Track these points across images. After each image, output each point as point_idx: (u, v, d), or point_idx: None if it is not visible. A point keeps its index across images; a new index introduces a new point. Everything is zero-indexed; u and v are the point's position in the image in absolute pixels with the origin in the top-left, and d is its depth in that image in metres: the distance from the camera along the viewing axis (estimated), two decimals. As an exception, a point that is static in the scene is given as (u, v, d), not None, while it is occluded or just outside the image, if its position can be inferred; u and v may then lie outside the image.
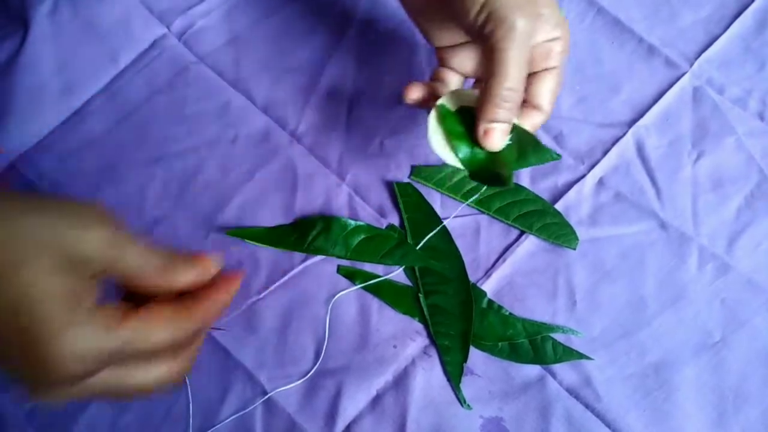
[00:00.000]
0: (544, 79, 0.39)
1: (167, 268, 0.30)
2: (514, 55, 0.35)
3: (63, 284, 0.26)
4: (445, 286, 0.46)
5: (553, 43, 0.38)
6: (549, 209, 0.48)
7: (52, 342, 0.26)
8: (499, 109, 0.36)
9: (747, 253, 0.47)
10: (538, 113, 0.40)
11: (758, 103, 0.51)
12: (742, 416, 0.43)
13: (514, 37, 0.35)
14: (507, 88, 0.35)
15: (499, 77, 0.35)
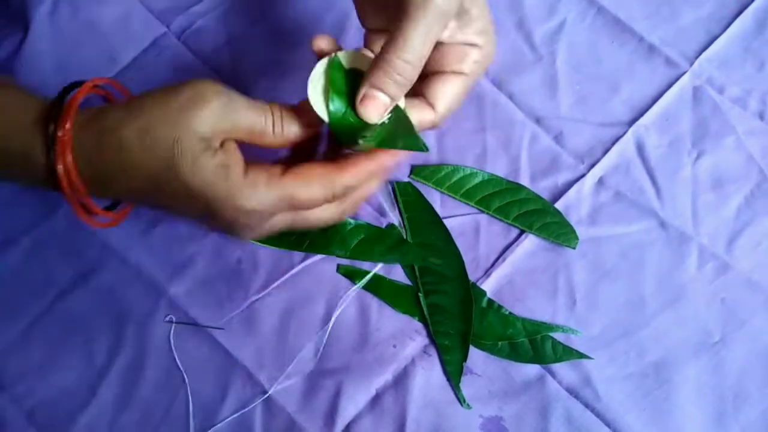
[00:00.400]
0: (447, 81, 0.38)
1: (277, 124, 0.35)
2: (420, 26, 0.33)
3: (212, 165, 0.32)
4: (444, 286, 0.46)
5: (471, 49, 0.37)
6: (549, 208, 0.48)
7: (226, 210, 0.33)
8: (387, 78, 0.34)
9: (747, 253, 0.47)
10: (429, 111, 0.38)
11: (758, 103, 0.51)
12: (741, 416, 0.43)
13: (428, 9, 0.32)
14: (403, 59, 0.33)
15: (398, 45, 0.33)
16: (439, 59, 0.38)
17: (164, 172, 0.32)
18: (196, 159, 0.32)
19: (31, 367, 0.45)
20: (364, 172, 0.35)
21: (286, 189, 0.33)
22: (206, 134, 0.32)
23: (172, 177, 0.32)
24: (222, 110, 0.33)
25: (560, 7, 0.55)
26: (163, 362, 0.45)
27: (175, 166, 0.32)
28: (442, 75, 0.38)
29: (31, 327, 0.46)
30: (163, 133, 0.32)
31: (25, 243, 0.47)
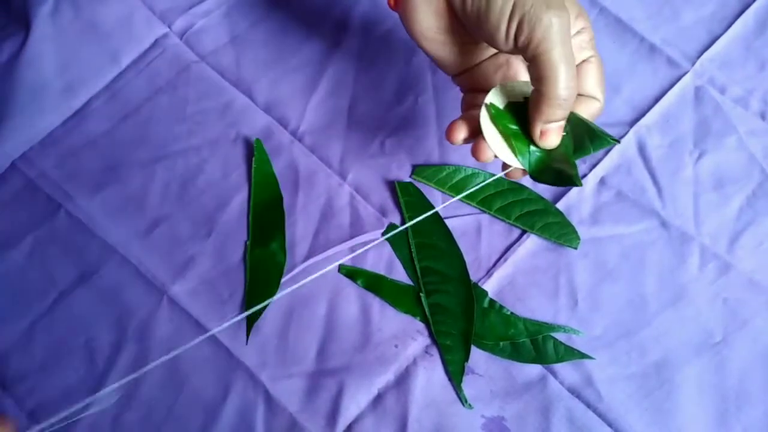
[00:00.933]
0: (587, 70, 0.39)
1: None
2: (559, 54, 0.33)
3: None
4: (446, 286, 0.46)
5: (582, 34, 0.38)
6: (550, 209, 0.48)
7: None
8: (553, 110, 0.35)
9: (748, 253, 0.47)
10: (594, 102, 0.39)
11: (760, 103, 0.51)
12: (743, 416, 0.43)
13: (554, 36, 0.33)
14: (562, 88, 0.34)
15: (551, 80, 0.34)
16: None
17: None
18: None
19: (32, 367, 0.45)
20: None
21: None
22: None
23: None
24: None
25: (561, 7, 0.55)
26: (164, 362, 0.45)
27: None
28: (578, 68, 0.38)
29: (32, 327, 0.46)
30: None
31: (26, 243, 0.47)
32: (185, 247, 0.47)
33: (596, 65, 0.39)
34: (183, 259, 0.47)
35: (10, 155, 0.49)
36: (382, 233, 0.48)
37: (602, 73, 0.40)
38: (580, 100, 0.39)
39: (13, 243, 0.48)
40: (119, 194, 0.49)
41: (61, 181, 0.49)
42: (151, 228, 0.48)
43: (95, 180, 0.49)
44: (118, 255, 0.47)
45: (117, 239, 0.47)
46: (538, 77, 0.34)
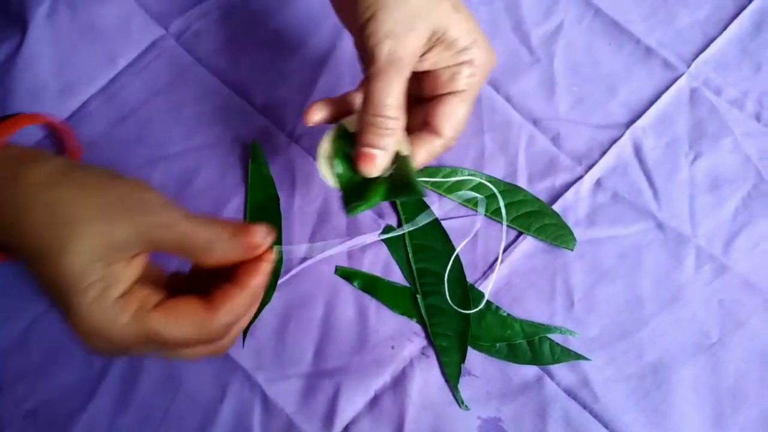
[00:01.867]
0: (445, 103, 0.38)
1: (210, 247, 0.31)
2: (376, 85, 0.34)
3: (98, 271, 0.28)
4: (443, 287, 0.46)
5: (461, 67, 0.37)
6: (547, 210, 0.48)
7: (81, 323, 0.28)
8: (370, 134, 0.35)
9: (744, 254, 0.47)
10: (437, 138, 0.38)
11: (755, 105, 0.52)
12: (739, 417, 0.43)
13: (376, 68, 0.34)
14: (373, 114, 0.35)
15: (370, 103, 0.35)
16: (432, 84, 0.38)
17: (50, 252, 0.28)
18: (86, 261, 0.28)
19: (29, 369, 0.45)
20: (240, 306, 0.31)
21: (152, 326, 0.29)
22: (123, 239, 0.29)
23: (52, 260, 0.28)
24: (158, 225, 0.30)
25: (558, 9, 0.55)
26: (161, 363, 0.45)
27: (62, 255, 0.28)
28: (440, 98, 0.38)
29: (30, 328, 0.46)
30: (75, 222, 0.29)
31: (23, 245, 0.47)
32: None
33: (459, 101, 0.38)
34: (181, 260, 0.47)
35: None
36: (379, 235, 0.48)
37: (463, 111, 0.38)
38: (422, 133, 0.38)
39: (10, 245, 0.47)
40: (116, 196, 0.49)
41: (58, 182, 0.49)
42: (148, 230, 0.48)
43: (92, 182, 0.49)
44: (115, 257, 0.47)
45: (114, 241, 0.47)
46: (363, 99, 0.35)
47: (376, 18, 0.34)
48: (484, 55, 0.37)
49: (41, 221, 0.29)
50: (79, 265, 0.28)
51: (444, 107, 0.38)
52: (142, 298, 0.30)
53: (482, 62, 0.37)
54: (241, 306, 0.32)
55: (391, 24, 0.34)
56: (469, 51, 0.37)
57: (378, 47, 0.34)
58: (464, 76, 0.37)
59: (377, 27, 0.34)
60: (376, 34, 0.34)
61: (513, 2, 0.55)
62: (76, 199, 0.29)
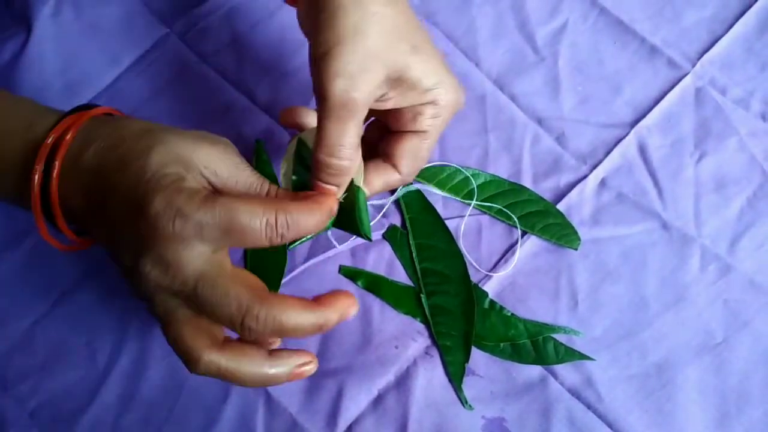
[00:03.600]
0: (404, 141, 0.38)
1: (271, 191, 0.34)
2: (328, 125, 0.33)
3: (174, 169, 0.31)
4: (446, 287, 0.46)
5: (424, 107, 0.37)
6: (551, 209, 0.48)
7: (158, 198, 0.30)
8: (322, 172, 0.34)
9: (749, 254, 0.47)
10: (393, 172, 0.38)
11: (760, 104, 0.51)
12: (744, 417, 0.43)
13: (326, 108, 0.33)
14: (325, 155, 0.34)
15: (320, 143, 0.34)
16: (395, 121, 0.38)
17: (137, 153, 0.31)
18: (168, 159, 0.31)
19: (33, 367, 0.45)
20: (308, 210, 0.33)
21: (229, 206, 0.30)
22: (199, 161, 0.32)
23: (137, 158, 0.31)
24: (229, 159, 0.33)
25: (562, 8, 0.55)
26: (165, 362, 0.45)
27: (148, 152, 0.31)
28: (402, 135, 0.38)
29: (33, 327, 0.46)
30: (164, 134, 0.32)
31: (27, 243, 0.48)
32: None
33: (420, 142, 0.38)
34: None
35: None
36: (383, 234, 0.48)
37: (421, 151, 0.38)
38: (381, 163, 0.38)
39: (15, 243, 0.48)
40: (120, 195, 0.49)
41: (62, 181, 0.49)
42: (152, 228, 0.48)
43: (96, 180, 0.49)
44: (119, 255, 0.47)
45: (118, 240, 0.47)
46: (317, 135, 0.34)
47: (331, 55, 0.33)
48: (450, 95, 0.37)
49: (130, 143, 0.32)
50: (160, 159, 0.31)
51: (404, 145, 0.38)
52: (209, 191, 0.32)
53: (447, 102, 0.37)
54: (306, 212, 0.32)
55: (345, 63, 0.32)
56: (432, 92, 0.36)
57: (331, 86, 0.32)
58: (427, 116, 0.37)
59: (330, 64, 0.32)
60: (329, 72, 0.32)
61: (518, 1, 0.55)
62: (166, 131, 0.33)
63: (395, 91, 0.35)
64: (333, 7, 0.33)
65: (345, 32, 0.33)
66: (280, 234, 0.31)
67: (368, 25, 0.33)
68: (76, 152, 0.33)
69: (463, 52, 0.53)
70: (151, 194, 0.30)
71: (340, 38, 0.33)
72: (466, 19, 0.54)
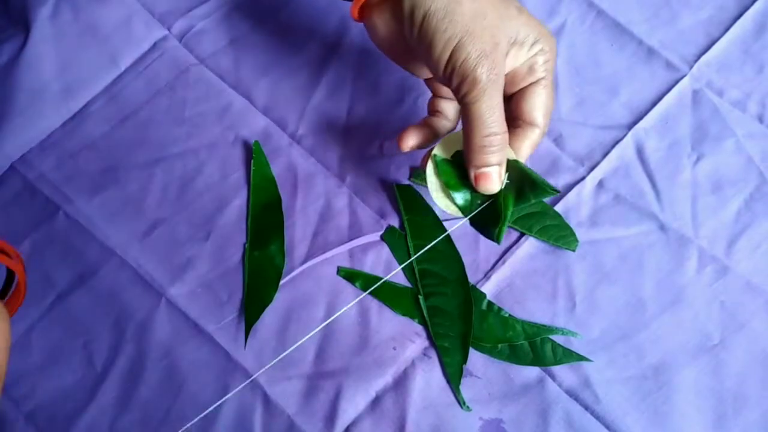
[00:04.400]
0: (532, 94, 0.40)
1: None
2: (481, 106, 0.36)
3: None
4: (444, 288, 0.46)
5: (538, 55, 0.39)
6: (549, 211, 0.48)
7: None
8: (482, 155, 0.37)
9: (746, 256, 0.47)
10: (533, 128, 0.40)
11: (757, 106, 0.52)
12: (741, 419, 0.43)
13: (479, 90, 0.35)
14: (484, 135, 0.37)
15: (474, 128, 0.36)
16: (515, 80, 0.40)
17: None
18: None
19: (30, 369, 0.45)
20: None
21: None
22: None
23: None
24: None
25: (560, 9, 0.55)
26: (163, 364, 0.45)
27: None
28: (524, 91, 0.40)
29: (30, 329, 0.46)
30: None
31: (24, 245, 0.47)
32: (184, 250, 0.47)
33: (543, 89, 0.40)
34: (181, 262, 0.47)
35: (9, 157, 0.49)
36: (380, 235, 0.48)
37: (549, 98, 0.40)
38: (518, 129, 0.40)
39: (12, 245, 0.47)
40: (118, 196, 0.49)
41: (59, 183, 0.49)
42: (149, 230, 0.48)
43: (94, 182, 0.49)
44: (117, 257, 0.47)
45: (116, 241, 0.47)
46: (464, 123, 0.37)
47: (463, 45, 0.35)
48: (550, 41, 0.40)
49: None
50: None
51: (532, 98, 0.40)
52: None
53: (550, 47, 0.39)
54: None
55: (480, 45, 0.35)
56: (538, 43, 0.39)
57: (477, 71, 0.35)
58: (540, 64, 0.39)
59: (469, 52, 0.35)
60: (470, 59, 0.35)
61: (515, 3, 0.55)
62: None
63: (510, 53, 0.38)
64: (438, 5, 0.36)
65: (466, 19, 0.35)
66: None
67: (479, 4, 0.36)
68: None
69: (461, 53, 0.53)
70: None
71: (465, 26, 0.35)
72: (464, 21, 0.54)
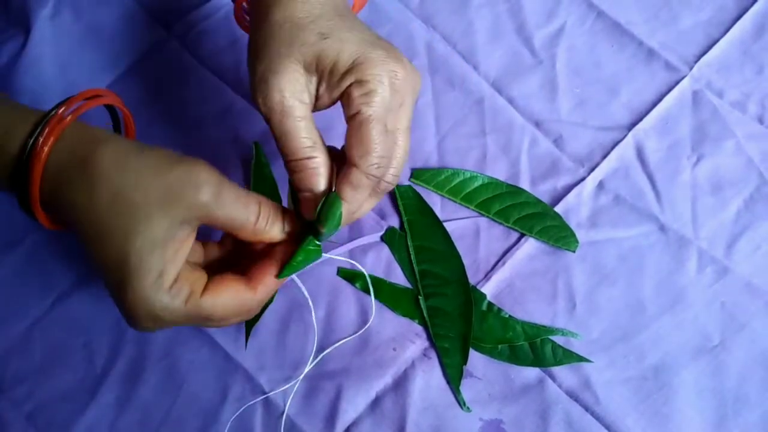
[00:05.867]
0: (349, 129, 0.35)
1: (258, 224, 0.35)
2: (275, 135, 0.35)
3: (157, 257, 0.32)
4: (445, 289, 0.46)
5: (350, 89, 0.34)
6: (549, 212, 0.48)
7: (137, 306, 0.32)
8: (295, 181, 0.35)
9: (746, 257, 0.47)
10: (351, 167, 0.35)
11: (757, 107, 0.52)
12: (741, 419, 0.43)
13: (266, 120, 0.34)
14: (288, 161, 0.35)
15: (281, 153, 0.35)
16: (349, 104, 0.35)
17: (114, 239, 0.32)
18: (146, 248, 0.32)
19: (30, 370, 0.45)
20: (275, 283, 0.36)
21: (202, 310, 0.34)
22: (174, 221, 0.32)
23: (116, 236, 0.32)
24: (212, 199, 0.33)
25: (560, 11, 0.55)
26: (162, 364, 0.45)
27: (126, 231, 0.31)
28: (349, 123, 0.35)
29: (31, 329, 0.46)
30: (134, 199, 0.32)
31: (25, 245, 0.48)
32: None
33: (357, 125, 0.34)
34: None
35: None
36: (381, 236, 0.48)
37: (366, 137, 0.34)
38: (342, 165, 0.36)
39: (12, 246, 0.48)
40: (118, 197, 0.49)
41: (60, 183, 0.49)
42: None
43: (94, 182, 0.49)
44: (117, 257, 0.47)
45: (116, 242, 0.47)
46: None
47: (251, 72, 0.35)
48: (378, 69, 0.33)
49: (105, 207, 0.32)
50: (138, 251, 0.31)
51: (349, 132, 0.35)
52: (193, 282, 0.34)
53: (375, 77, 0.33)
54: (277, 283, 0.36)
55: (261, 74, 0.34)
56: (353, 70, 0.33)
57: (258, 102, 0.34)
58: (356, 96, 0.33)
59: (252, 81, 0.34)
60: (254, 90, 0.34)
61: (516, 4, 0.55)
62: (137, 187, 0.32)
63: (323, 85, 0.35)
64: (253, 27, 0.36)
65: (256, 47, 0.35)
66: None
67: (271, 33, 0.34)
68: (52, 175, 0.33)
69: (461, 54, 0.53)
70: (131, 289, 0.32)
71: (254, 54, 0.35)
72: (464, 21, 0.54)
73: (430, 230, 0.48)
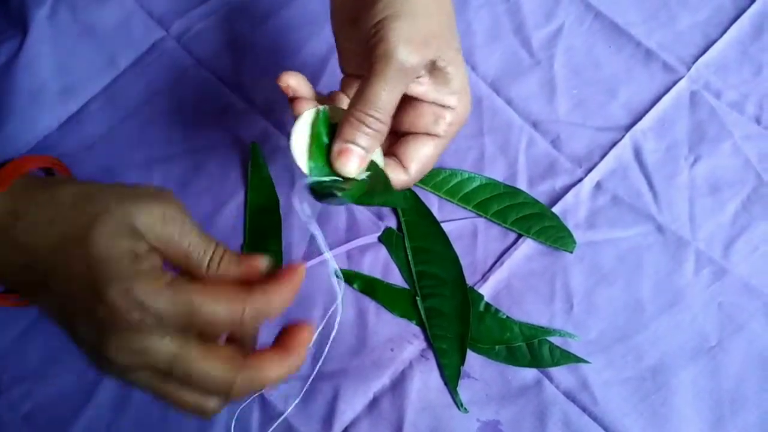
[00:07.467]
0: (421, 143, 0.37)
1: (213, 261, 0.31)
2: (383, 82, 0.33)
3: (125, 246, 0.29)
4: (442, 289, 0.46)
5: (445, 111, 0.37)
6: (546, 212, 0.48)
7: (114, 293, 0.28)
8: (357, 131, 0.34)
9: (743, 257, 0.47)
10: (402, 172, 0.37)
11: (755, 107, 0.52)
12: (739, 420, 0.43)
13: (390, 64, 0.33)
14: (368, 112, 0.33)
15: (360, 101, 0.33)
16: (414, 120, 0.37)
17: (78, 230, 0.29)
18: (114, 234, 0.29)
19: (27, 371, 0.45)
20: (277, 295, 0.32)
21: (191, 296, 0.29)
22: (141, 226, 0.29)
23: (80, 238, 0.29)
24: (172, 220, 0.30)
25: (558, 11, 0.55)
26: (160, 365, 0.45)
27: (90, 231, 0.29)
28: (416, 136, 0.37)
29: (27, 331, 0.46)
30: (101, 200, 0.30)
31: (22, 246, 0.47)
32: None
33: (433, 145, 0.37)
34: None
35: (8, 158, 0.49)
36: (378, 237, 0.48)
37: (433, 156, 0.37)
38: (393, 162, 0.37)
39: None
40: (116, 197, 0.49)
41: (57, 184, 0.49)
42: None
43: (92, 183, 0.49)
44: (115, 258, 0.47)
45: (113, 242, 0.47)
46: (356, 94, 0.34)
47: (397, 19, 0.33)
48: (465, 109, 0.37)
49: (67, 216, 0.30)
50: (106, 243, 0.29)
51: (418, 147, 0.37)
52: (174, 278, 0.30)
53: (462, 114, 0.37)
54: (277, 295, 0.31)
55: (412, 32, 0.33)
56: (458, 96, 0.36)
57: (395, 48, 0.33)
58: (446, 121, 0.37)
59: (396, 30, 0.33)
60: (392, 37, 0.33)
61: (514, 5, 0.55)
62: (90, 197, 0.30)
63: (431, 79, 0.36)
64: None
65: (414, 6, 0.34)
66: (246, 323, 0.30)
67: (433, 8, 0.34)
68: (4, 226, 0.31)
69: (459, 55, 0.53)
70: (106, 282, 0.28)
71: (410, 9, 0.33)
72: (463, 22, 0.54)
73: (428, 231, 0.48)
